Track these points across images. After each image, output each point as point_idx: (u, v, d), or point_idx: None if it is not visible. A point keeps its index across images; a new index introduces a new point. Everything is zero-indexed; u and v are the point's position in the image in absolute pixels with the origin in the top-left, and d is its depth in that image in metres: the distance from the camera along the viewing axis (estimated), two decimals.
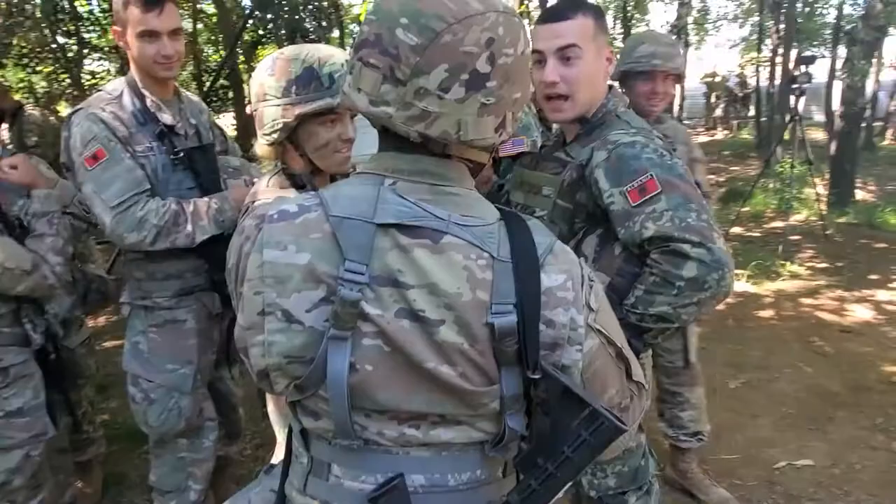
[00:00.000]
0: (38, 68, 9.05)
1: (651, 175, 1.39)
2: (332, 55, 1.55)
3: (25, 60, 8.68)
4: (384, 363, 0.91)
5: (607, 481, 1.70)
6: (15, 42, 8.03)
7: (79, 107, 1.96)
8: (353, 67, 0.91)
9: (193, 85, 10.22)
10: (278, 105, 1.51)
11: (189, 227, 1.88)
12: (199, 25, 10.79)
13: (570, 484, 0.96)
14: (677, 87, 3.01)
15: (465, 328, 0.89)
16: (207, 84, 9.64)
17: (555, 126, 1.92)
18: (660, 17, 33.73)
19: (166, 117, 1.98)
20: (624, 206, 1.41)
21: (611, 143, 1.48)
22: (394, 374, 0.92)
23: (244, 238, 0.98)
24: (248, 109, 1.67)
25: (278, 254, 0.91)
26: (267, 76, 1.53)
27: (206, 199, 1.95)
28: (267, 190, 1.61)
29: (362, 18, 1.09)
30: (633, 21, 18.22)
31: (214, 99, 9.72)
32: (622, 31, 17.05)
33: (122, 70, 7.99)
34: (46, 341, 2.10)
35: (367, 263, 0.89)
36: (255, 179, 2.00)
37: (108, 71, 9.92)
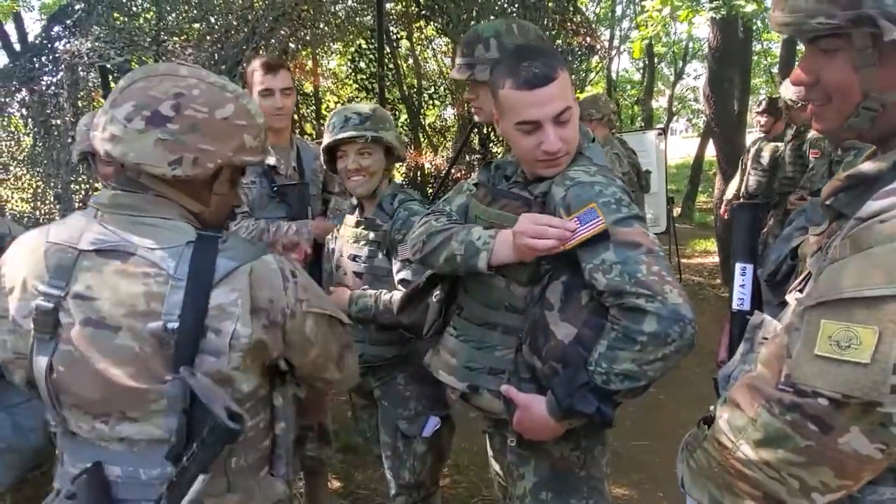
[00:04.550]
0: None
1: (603, 223, 1.33)
2: (356, 107, 2.10)
3: None
4: (73, 365, 1.11)
5: None
6: None
7: None
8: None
9: None
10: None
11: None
12: None
13: (203, 477, 1.04)
14: None
15: (138, 334, 1.08)
16: None
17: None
18: None
19: (271, 159, 2.39)
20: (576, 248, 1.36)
21: (569, 180, 1.42)
22: (80, 375, 1.11)
23: None
24: None
25: (9, 268, 1.17)
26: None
27: (290, 222, 2.37)
28: None
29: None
30: None
31: None
32: None
33: None
34: None
35: (68, 280, 1.10)
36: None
37: None
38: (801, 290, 0.99)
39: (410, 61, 7.57)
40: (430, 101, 7.46)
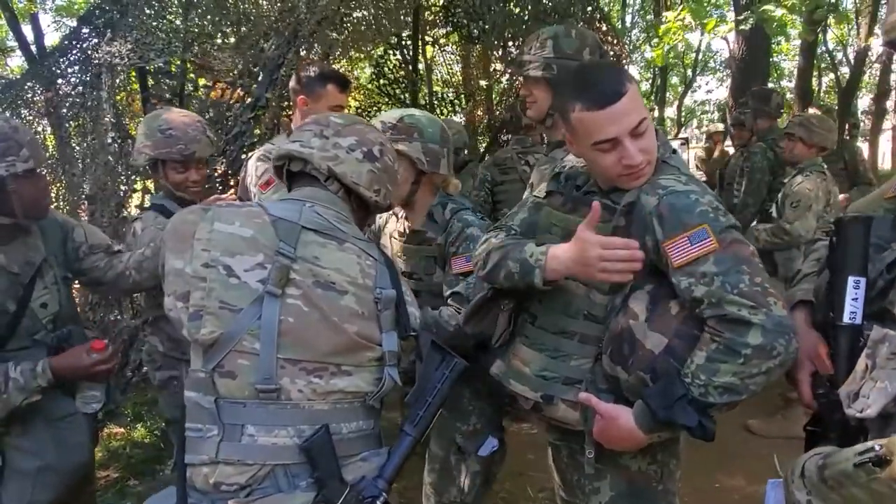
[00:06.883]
0: None
1: (713, 243, 1.30)
2: (388, 115, 2.06)
3: None
4: (304, 317, 1.29)
5: None
6: None
7: (255, 151, 2.47)
8: (295, 133, 1.51)
9: None
10: None
11: None
12: None
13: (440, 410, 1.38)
14: None
15: (360, 299, 1.34)
16: None
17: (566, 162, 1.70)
18: None
19: None
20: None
21: (661, 189, 1.39)
22: (312, 326, 1.29)
23: (186, 215, 1.37)
24: None
25: (226, 226, 1.31)
26: None
27: None
28: None
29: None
30: None
31: None
32: None
33: None
34: None
35: (295, 247, 1.31)
36: None
37: None
38: None
39: (421, 67, 7.56)
40: (450, 108, 7.45)
